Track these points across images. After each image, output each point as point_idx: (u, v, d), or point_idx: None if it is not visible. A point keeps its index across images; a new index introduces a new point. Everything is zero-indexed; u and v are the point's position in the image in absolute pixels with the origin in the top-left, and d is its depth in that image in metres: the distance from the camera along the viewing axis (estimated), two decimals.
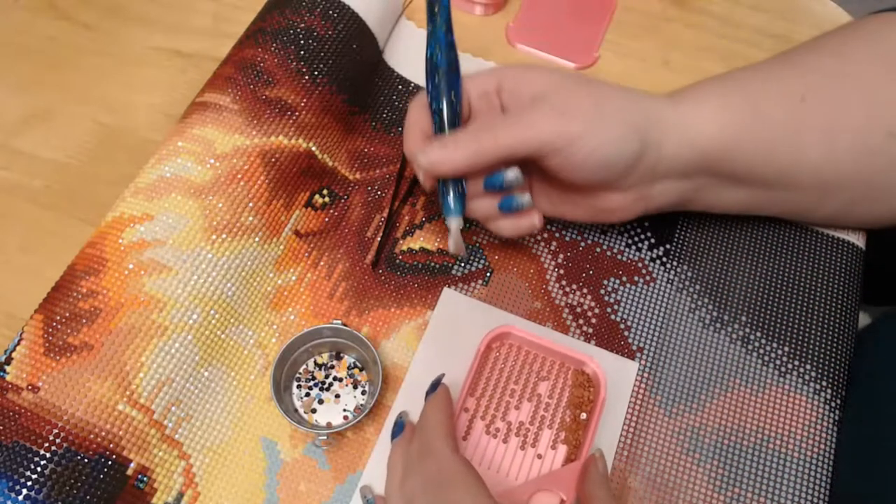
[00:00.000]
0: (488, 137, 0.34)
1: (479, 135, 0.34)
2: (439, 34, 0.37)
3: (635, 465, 0.37)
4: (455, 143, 0.35)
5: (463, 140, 0.34)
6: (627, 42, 0.52)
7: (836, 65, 0.37)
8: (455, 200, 0.36)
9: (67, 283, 0.36)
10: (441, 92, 0.36)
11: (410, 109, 0.38)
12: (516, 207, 0.36)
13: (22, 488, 0.32)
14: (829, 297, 0.42)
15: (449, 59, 0.36)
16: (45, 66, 0.50)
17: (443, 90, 0.36)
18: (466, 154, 0.34)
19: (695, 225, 0.44)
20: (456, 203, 0.36)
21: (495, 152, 0.34)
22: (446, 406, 0.33)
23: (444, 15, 0.37)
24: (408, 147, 0.37)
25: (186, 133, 0.40)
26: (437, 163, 0.35)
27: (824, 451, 0.37)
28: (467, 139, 0.34)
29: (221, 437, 0.37)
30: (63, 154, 0.46)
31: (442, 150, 0.35)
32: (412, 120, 0.38)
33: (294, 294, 0.40)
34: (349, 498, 0.36)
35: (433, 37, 0.37)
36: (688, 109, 0.36)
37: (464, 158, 0.34)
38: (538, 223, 0.37)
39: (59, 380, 0.34)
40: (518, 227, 0.37)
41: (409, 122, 0.38)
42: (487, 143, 0.34)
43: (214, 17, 0.52)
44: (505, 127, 0.34)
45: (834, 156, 0.37)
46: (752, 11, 0.53)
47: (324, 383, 0.38)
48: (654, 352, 0.40)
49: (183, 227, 0.37)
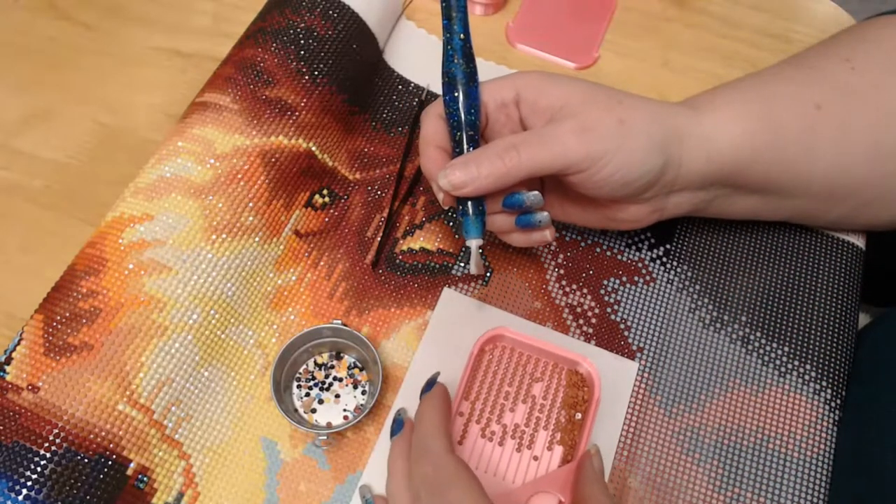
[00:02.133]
0: (512, 158, 0.33)
1: (502, 155, 0.33)
2: (456, 43, 0.35)
3: (635, 465, 0.37)
4: (477, 164, 0.33)
5: (485, 161, 0.33)
6: (627, 42, 0.52)
7: (846, 72, 0.37)
8: (476, 221, 0.35)
9: (67, 283, 0.36)
10: (460, 106, 0.35)
11: (425, 122, 0.37)
12: (534, 225, 0.36)
13: (22, 488, 0.32)
14: (829, 297, 0.42)
15: (467, 70, 0.35)
16: (45, 66, 0.50)
17: (461, 104, 0.35)
18: (489, 176, 0.33)
19: (695, 225, 0.44)
20: (477, 224, 0.35)
21: (518, 174, 0.33)
22: (441, 404, 0.33)
23: (461, 23, 0.35)
24: (425, 165, 0.36)
25: (186, 133, 0.40)
26: (459, 185, 0.33)
27: (824, 451, 0.37)
28: (490, 160, 0.33)
29: (221, 437, 0.37)
30: (63, 154, 0.46)
31: (464, 171, 0.33)
32: (428, 135, 0.36)
33: (294, 294, 0.40)
34: (349, 498, 0.36)
35: (450, 46, 0.35)
36: (707, 122, 0.35)
37: (486, 180, 0.33)
38: (550, 238, 0.37)
39: (59, 380, 0.34)
40: (530, 240, 0.37)
41: (424, 137, 0.36)
42: (511, 164, 0.33)
43: (214, 17, 0.52)
44: (528, 147, 0.33)
45: (846, 163, 0.37)
46: (752, 11, 0.53)
47: (324, 383, 0.38)
48: (654, 352, 0.40)
49: (183, 227, 0.37)
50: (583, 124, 0.33)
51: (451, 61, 0.35)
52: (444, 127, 0.36)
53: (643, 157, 0.34)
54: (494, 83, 0.36)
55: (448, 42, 0.35)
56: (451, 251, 0.42)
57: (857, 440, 0.37)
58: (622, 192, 0.35)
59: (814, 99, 0.36)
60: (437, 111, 0.36)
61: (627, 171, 0.33)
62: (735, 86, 0.38)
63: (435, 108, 0.36)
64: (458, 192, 0.34)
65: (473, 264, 0.36)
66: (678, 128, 0.35)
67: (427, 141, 0.36)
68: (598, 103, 0.34)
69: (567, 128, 0.33)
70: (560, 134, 0.33)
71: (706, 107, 0.36)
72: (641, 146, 0.34)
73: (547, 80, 0.35)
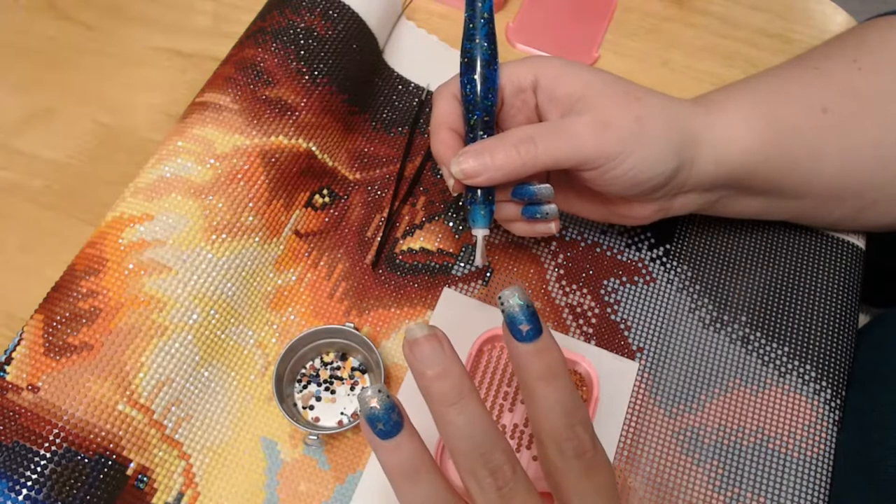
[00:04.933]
0: (529, 150, 0.32)
1: (518, 147, 0.32)
2: (479, 22, 0.34)
3: (635, 465, 0.37)
4: (492, 154, 0.32)
5: (501, 152, 0.32)
6: (627, 42, 0.52)
7: (852, 73, 0.37)
8: (485, 212, 0.35)
9: (67, 283, 0.36)
10: (477, 89, 0.34)
11: (437, 101, 0.35)
12: (541, 217, 0.35)
13: (22, 488, 0.32)
14: (829, 297, 0.42)
15: (489, 51, 0.34)
16: (45, 66, 0.50)
17: (479, 87, 0.34)
18: (503, 167, 0.32)
19: (695, 225, 0.44)
20: (485, 214, 0.35)
21: (534, 167, 0.33)
22: None
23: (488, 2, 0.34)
24: (436, 148, 0.35)
25: (186, 133, 0.40)
26: (471, 174, 0.33)
27: (824, 451, 0.37)
28: (506, 151, 0.32)
29: (221, 437, 0.37)
30: (63, 154, 0.46)
31: (478, 160, 0.33)
32: (440, 115, 0.35)
33: (294, 294, 0.40)
34: (349, 498, 0.36)
35: (472, 24, 0.34)
36: (718, 124, 0.35)
37: (500, 171, 0.32)
38: (555, 230, 0.36)
39: (59, 380, 0.34)
40: (534, 230, 0.37)
41: (436, 117, 0.35)
42: (527, 157, 0.32)
43: (214, 17, 0.52)
44: (545, 140, 0.32)
45: (851, 166, 0.37)
46: (752, 11, 0.53)
47: (327, 381, 0.38)
48: (654, 352, 0.40)
49: (183, 227, 0.37)
50: (601, 119, 0.33)
51: (472, 41, 0.34)
52: (458, 108, 0.35)
53: (658, 159, 0.33)
54: (513, 66, 0.35)
55: (470, 20, 0.34)
56: (451, 251, 0.42)
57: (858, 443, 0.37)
58: (633, 191, 0.35)
59: (821, 101, 0.36)
60: (451, 90, 0.35)
61: (641, 171, 0.33)
62: (742, 87, 0.38)
63: (449, 88, 0.35)
64: (470, 182, 0.33)
65: (479, 254, 0.36)
66: (694, 132, 0.35)
67: (439, 122, 0.35)
68: (615, 97, 0.33)
69: (584, 122, 0.33)
70: (577, 129, 0.33)
71: (716, 108, 0.36)
72: (658, 147, 0.33)
73: (566, 67, 0.34)
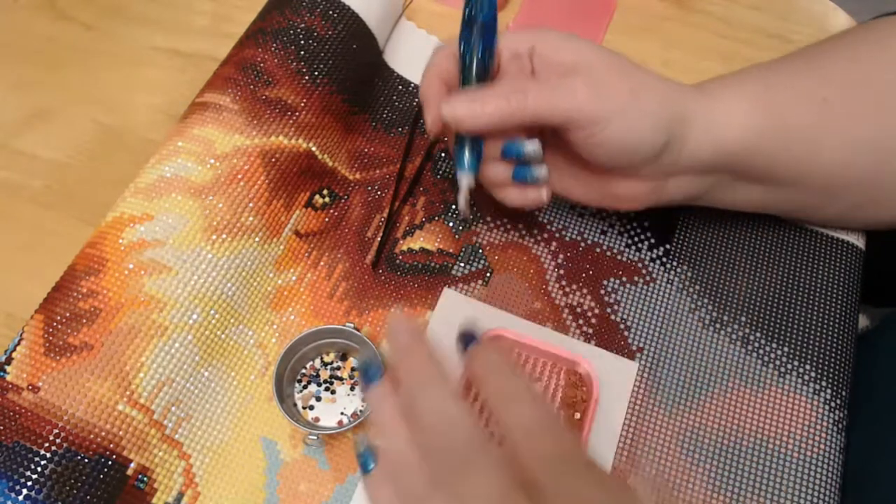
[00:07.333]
0: (518, 99, 0.33)
1: (509, 95, 0.33)
2: None
3: (635, 465, 0.37)
4: (483, 100, 0.33)
5: (491, 98, 0.33)
6: (627, 42, 0.52)
7: (853, 71, 0.37)
8: (471, 157, 0.35)
9: (67, 283, 0.36)
10: (474, 45, 0.34)
11: (434, 54, 0.36)
12: (531, 180, 0.36)
13: (22, 488, 0.32)
14: (828, 298, 0.42)
15: (489, 15, 0.35)
16: (45, 66, 0.50)
17: (476, 43, 0.34)
18: (493, 113, 0.33)
19: (695, 225, 0.44)
20: (471, 159, 0.35)
21: (523, 116, 0.33)
22: None
23: None
24: (424, 91, 0.36)
25: (186, 133, 0.40)
26: (462, 117, 0.33)
27: (824, 451, 0.37)
28: (496, 98, 0.33)
29: (221, 437, 0.37)
30: (63, 154, 0.46)
31: (469, 104, 0.33)
32: (434, 63, 0.36)
33: (294, 294, 0.40)
34: (349, 498, 0.36)
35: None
36: (716, 108, 0.35)
37: (490, 117, 0.33)
38: (546, 198, 0.37)
39: (59, 380, 0.34)
40: (525, 198, 0.37)
41: (430, 65, 0.36)
42: (517, 105, 0.33)
43: (214, 17, 0.52)
44: (537, 91, 0.33)
45: (848, 158, 0.37)
46: (752, 11, 0.53)
47: (328, 381, 0.38)
48: (654, 352, 0.40)
49: (183, 227, 0.37)
50: (595, 84, 0.33)
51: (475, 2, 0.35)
52: (455, 65, 0.36)
53: (646, 128, 0.34)
54: (513, 34, 0.36)
55: None
56: (451, 251, 0.42)
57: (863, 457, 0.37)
58: (622, 160, 0.35)
59: (821, 92, 0.36)
60: (452, 50, 0.36)
61: (630, 138, 0.33)
62: (744, 75, 0.38)
63: (450, 48, 0.36)
64: (460, 125, 0.34)
65: (462, 201, 0.36)
66: (686, 111, 0.35)
67: (432, 71, 0.36)
68: (612, 68, 0.34)
69: (579, 83, 0.33)
70: (571, 84, 0.33)
71: (716, 93, 0.36)
72: (648, 119, 0.34)
73: (565, 38, 0.35)
